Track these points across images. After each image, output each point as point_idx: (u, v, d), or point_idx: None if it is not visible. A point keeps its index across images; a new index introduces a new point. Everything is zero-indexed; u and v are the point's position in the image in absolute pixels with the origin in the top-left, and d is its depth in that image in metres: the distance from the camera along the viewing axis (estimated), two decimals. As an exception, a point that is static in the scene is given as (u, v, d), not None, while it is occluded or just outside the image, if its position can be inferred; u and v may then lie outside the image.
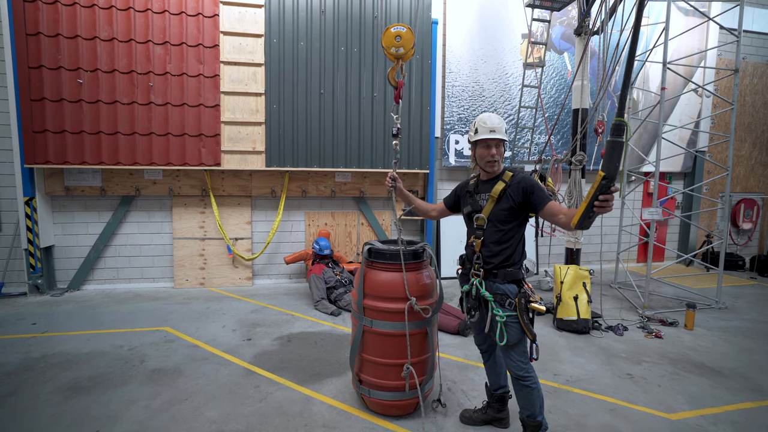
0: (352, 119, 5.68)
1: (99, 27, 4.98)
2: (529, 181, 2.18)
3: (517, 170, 2.29)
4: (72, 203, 5.47)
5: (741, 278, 6.93)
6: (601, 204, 1.70)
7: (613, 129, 1.68)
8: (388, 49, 2.49)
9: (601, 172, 1.70)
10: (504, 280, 2.21)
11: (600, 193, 1.69)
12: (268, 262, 6.03)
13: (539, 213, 2.14)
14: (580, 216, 1.79)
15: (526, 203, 2.17)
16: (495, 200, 2.23)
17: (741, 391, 3.14)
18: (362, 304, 2.59)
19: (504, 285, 2.21)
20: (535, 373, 2.24)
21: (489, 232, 2.26)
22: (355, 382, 2.75)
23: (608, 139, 1.70)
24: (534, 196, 2.14)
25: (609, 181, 1.69)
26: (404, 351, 2.51)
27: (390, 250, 2.58)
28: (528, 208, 2.20)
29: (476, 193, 2.36)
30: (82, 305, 4.83)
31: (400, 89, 2.57)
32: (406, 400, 2.60)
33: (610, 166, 1.68)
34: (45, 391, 2.91)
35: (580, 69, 4.89)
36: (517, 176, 2.23)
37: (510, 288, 2.20)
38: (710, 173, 7.76)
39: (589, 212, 1.76)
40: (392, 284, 2.53)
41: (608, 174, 1.68)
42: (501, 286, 2.21)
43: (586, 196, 1.76)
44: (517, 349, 2.21)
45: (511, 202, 2.19)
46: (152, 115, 5.17)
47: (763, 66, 7.98)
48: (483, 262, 2.27)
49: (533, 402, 2.23)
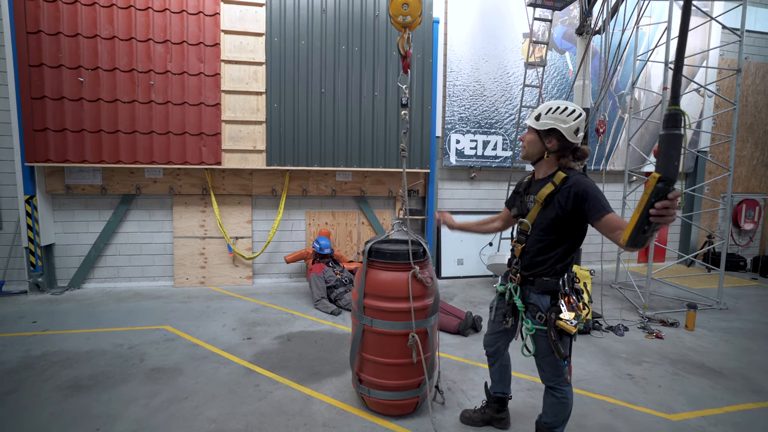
0: (353, 118, 5.67)
1: (100, 25, 4.98)
2: (582, 186, 1.84)
3: (574, 171, 1.96)
4: (72, 202, 5.48)
5: (742, 279, 6.92)
6: (660, 213, 1.37)
7: (667, 120, 1.36)
8: (395, 17, 2.44)
9: (655, 173, 1.36)
10: (539, 290, 2.00)
11: (656, 199, 1.36)
12: (269, 261, 6.03)
13: (594, 226, 1.82)
14: (633, 230, 1.46)
15: (576, 213, 1.86)
16: (541, 205, 1.97)
17: (742, 392, 3.14)
18: (362, 303, 2.58)
19: (537, 295, 2.01)
20: (569, 388, 2.08)
21: (532, 239, 2.02)
22: (355, 382, 2.74)
23: (662, 132, 1.38)
24: (587, 205, 1.81)
25: (667, 184, 1.34)
26: (404, 350, 2.51)
27: (391, 250, 2.58)
28: (580, 219, 1.88)
29: (526, 194, 2.12)
30: (82, 304, 4.84)
31: (408, 58, 2.54)
32: (406, 399, 2.60)
33: (668, 166, 1.35)
34: (45, 390, 2.91)
35: (581, 68, 4.87)
36: (571, 179, 1.90)
37: (542, 300, 1.99)
38: (712, 173, 7.74)
39: (644, 225, 1.42)
40: (393, 284, 2.52)
41: (665, 175, 1.34)
42: (534, 296, 2.02)
43: (637, 205, 1.42)
44: (548, 361, 2.02)
45: (558, 210, 1.90)
46: (153, 113, 5.16)
47: (766, 66, 7.96)
48: (521, 268, 2.09)
49: (557, 414, 2.10)
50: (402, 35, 2.53)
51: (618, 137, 7.21)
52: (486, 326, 2.50)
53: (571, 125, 1.92)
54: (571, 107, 1.94)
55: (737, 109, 5.14)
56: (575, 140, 1.94)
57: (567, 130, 1.92)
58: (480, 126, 6.58)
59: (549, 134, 1.97)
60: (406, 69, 2.57)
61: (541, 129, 1.97)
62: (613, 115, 7.11)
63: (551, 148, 1.98)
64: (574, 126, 1.92)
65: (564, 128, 1.92)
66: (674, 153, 1.36)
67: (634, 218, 1.45)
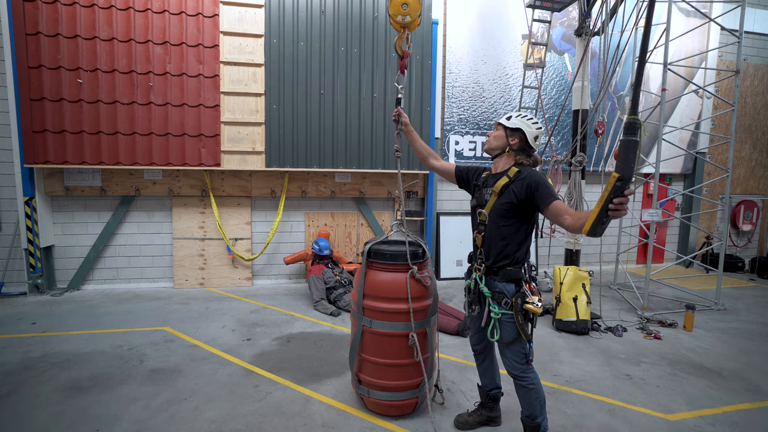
0: (352, 120, 5.68)
1: (99, 27, 4.98)
2: (534, 178, 2.11)
3: (526, 167, 2.22)
4: (72, 203, 5.48)
5: (741, 280, 6.94)
6: (616, 208, 1.61)
7: (626, 127, 1.61)
8: (394, 17, 2.46)
9: (615, 173, 1.59)
10: (503, 279, 2.20)
11: (614, 196, 1.60)
12: (268, 262, 6.03)
13: (543, 212, 2.07)
14: (593, 221, 1.68)
15: (528, 200, 2.10)
16: (497, 195, 2.20)
17: (739, 392, 3.15)
18: (362, 304, 2.59)
19: (502, 283, 2.20)
20: (533, 373, 2.23)
21: (490, 227, 2.23)
22: (354, 382, 2.75)
23: (621, 138, 1.63)
24: (537, 194, 2.07)
25: (624, 183, 1.58)
26: (403, 351, 2.52)
27: (390, 251, 2.59)
28: (531, 207, 2.13)
29: (484, 186, 2.34)
30: (81, 305, 4.84)
31: (406, 59, 2.55)
32: (405, 400, 2.60)
33: (625, 167, 1.58)
34: (45, 391, 2.91)
35: (580, 70, 4.89)
36: (523, 172, 2.17)
37: (507, 287, 2.19)
38: (710, 175, 7.75)
39: (603, 217, 1.65)
40: (392, 284, 2.53)
41: (623, 175, 1.58)
42: (499, 284, 2.20)
43: (598, 200, 1.66)
44: (512, 348, 2.20)
45: (513, 198, 2.14)
46: (152, 115, 5.17)
47: (764, 67, 7.98)
48: (484, 257, 2.27)
49: (531, 402, 2.23)
50: (400, 35, 2.53)
51: (617, 138, 7.22)
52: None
53: (534, 131, 2.24)
54: (537, 120, 2.30)
55: (736, 110, 5.15)
56: (533, 144, 2.27)
57: (529, 134, 2.24)
58: (479, 127, 6.59)
59: (514, 133, 2.27)
60: (403, 69, 2.58)
61: (509, 126, 2.27)
62: (612, 117, 7.13)
63: (513, 144, 2.27)
64: (535, 133, 2.25)
65: (528, 131, 2.24)
66: (631, 156, 1.58)
67: (594, 211, 1.67)
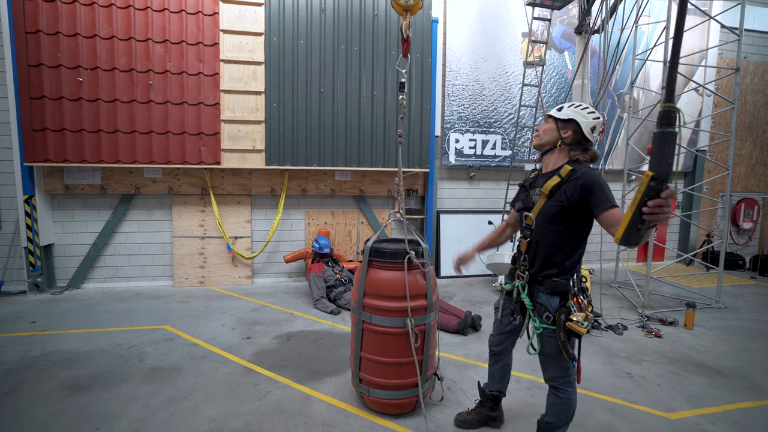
0: (352, 118, 5.67)
1: (99, 25, 4.97)
2: (590, 177, 1.86)
3: (582, 165, 1.98)
4: (72, 201, 5.47)
5: (741, 278, 6.93)
6: (653, 211, 1.35)
7: (661, 117, 1.32)
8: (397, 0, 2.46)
9: (648, 171, 1.35)
10: (547, 290, 1.98)
11: (649, 198, 1.34)
12: (268, 260, 6.03)
13: (597, 218, 1.83)
14: (626, 228, 1.45)
15: (582, 204, 1.85)
16: (546, 197, 1.96)
17: (740, 390, 3.14)
18: (362, 303, 2.58)
19: (546, 295, 1.98)
20: (573, 388, 2.05)
21: (537, 232, 2.01)
22: (355, 381, 2.74)
23: (656, 130, 1.34)
24: (592, 197, 1.82)
25: (660, 183, 1.32)
26: (403, 349, 2.51)
27: (390, 249, 2.58)
28: (585, 211, 1.87)
29: (531, 187, 2.11)
30: (81, 303, 4.83)
31: (409, 43, 2.55)
32: (405, 398, 2.60)
33: (661, 163, 1.32)
34: (44, 390, 2.91)
35: (580, 68, 4.88)
36: (578, 171, 1.92)
37: (551, 300, 1.97)
38: (711, 172, 7.75)
39: (637, 223, 1.41)
40: (392, 282, 2.52)
41: (658, 173, 1.32)
42: (543, 296, 1.99)
43: (631, 203, 1.41)
44: (554, 361, 2.01)
45: (564, 200, 1.90)
46: (152, 113, 5.16)
47: (764, 65, 7.96)
48: (528, 264, 2.06)
49: (560, 414, 2.09)
50: (403, 18, 2.53)
51: (617, 136, 7.21)
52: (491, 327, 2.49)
53: (590, 122, 1.99)
54: (593, 109, 2.03)
55: (736, 108, 5.14)
56: (590, 137, 1.99)
57: (585, 125, 1.99)
58: (479, 125, 6.58)
59: (567, 124, 2.01)
60: (406, 53, 2.56)
61: (560, 118, 2.03)
62: (612, 115, 7.12)
63: (566, 138, 2.01)
64: (591, 123, 1.99)
65: (583, 122, 1.99)
66: (668, 151, 1.32)
67: (627, 216, 1.45)
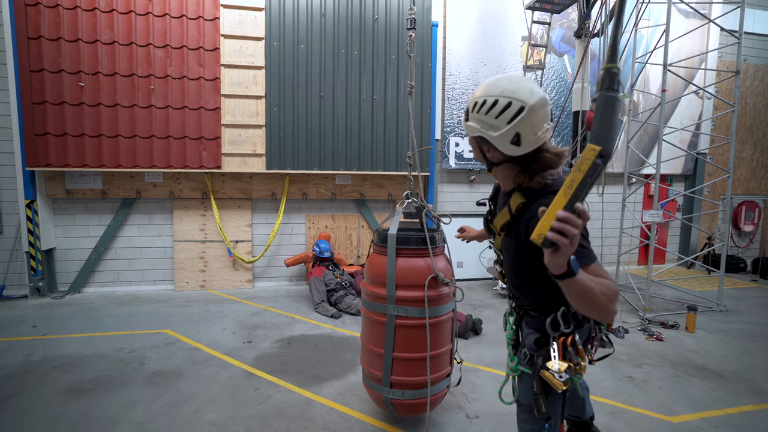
0: (353, 122, 5.69)
1: (100, 30, 5.00)
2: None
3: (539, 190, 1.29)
4: (73, 206, 5.48)
5: (743, 280, 6.91)
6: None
7: (602, 80, 1.02)
8: None
9: (592, 144, 0.99)
10: (529, 325, 1.49)
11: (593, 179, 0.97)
12: (269, 264, 6.03)
13: None
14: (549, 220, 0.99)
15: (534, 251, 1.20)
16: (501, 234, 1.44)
17: (742, 393, 3.13)
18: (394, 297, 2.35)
19: (528, 329, 1.49)
20: None
21: (505, 262, 1.50)
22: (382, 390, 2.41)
23: (597, 94, 1.03)
24: None
25: (605, 161, 0.99)
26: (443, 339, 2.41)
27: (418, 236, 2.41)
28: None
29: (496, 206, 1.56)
30: (82, 308, 4.84)
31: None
32: (439, 393, 2.44)
33: (607, 136, 1.00)
34: (45, 394, 2.91)
35: (580, 71, 4.89)
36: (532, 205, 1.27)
37: (529, 338, 1.48)
38: (711, 175, 7.74)
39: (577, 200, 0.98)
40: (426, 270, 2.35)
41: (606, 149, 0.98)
42: (526, 329, 1.51)
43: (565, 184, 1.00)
44: (525, 415, 1.52)
45: (520, 244, 1.32)
46: (153, 118, 5.18)
47: (764, 68, 7.98)
48: (509, 294, 1.59)
49: None
50: None
51: (617, 139, 7.22)
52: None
53: (505, 131, 1.20)
54: (504, 98, 1.20)
55: (736, 111, 5.15)
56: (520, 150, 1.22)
57: (499, 140, 1.22)
58: (479, 129, 6.58)
59: (482, 141, 1.32)
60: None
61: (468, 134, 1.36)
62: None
63: (492, 158, 1.33)
64: (510, 131, 1.20)
65: (494, 137, 1.22)
66: (612, 119, 1.01)
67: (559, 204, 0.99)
